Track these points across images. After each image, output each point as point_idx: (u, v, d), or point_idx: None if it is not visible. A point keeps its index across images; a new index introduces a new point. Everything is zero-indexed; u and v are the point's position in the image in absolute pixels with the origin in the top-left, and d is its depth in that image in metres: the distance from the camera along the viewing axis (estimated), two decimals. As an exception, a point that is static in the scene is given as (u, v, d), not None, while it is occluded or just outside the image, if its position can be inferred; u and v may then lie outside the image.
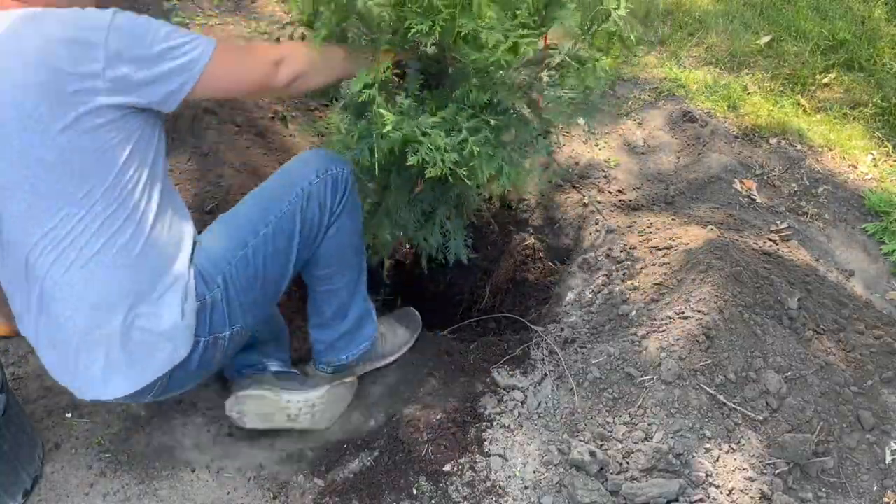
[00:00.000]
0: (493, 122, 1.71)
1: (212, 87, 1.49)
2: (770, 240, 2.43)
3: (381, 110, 1.62)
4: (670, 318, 1.98)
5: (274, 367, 1.95)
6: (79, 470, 1.75)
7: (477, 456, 1.81)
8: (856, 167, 2.96)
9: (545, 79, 1.87)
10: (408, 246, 2.53)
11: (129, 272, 1.46)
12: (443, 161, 1.61)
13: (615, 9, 1.72)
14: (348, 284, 1.90)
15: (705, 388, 1.83)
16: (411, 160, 1.64)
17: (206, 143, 2.44)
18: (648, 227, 2.37)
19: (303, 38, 1.86)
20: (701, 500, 1.66)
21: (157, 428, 1.87)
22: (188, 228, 1.60)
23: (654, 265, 2.19)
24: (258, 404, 1.84)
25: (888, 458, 1.82)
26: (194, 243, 1.60)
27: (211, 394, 1.99)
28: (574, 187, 2.68)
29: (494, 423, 1.88)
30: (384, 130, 1.60)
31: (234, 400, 1.83)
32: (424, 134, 1.62)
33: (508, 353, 2.07)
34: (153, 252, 1.50)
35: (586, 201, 2.59)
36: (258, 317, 1.74)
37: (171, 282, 1.51)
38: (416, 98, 1.72)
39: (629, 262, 2.26)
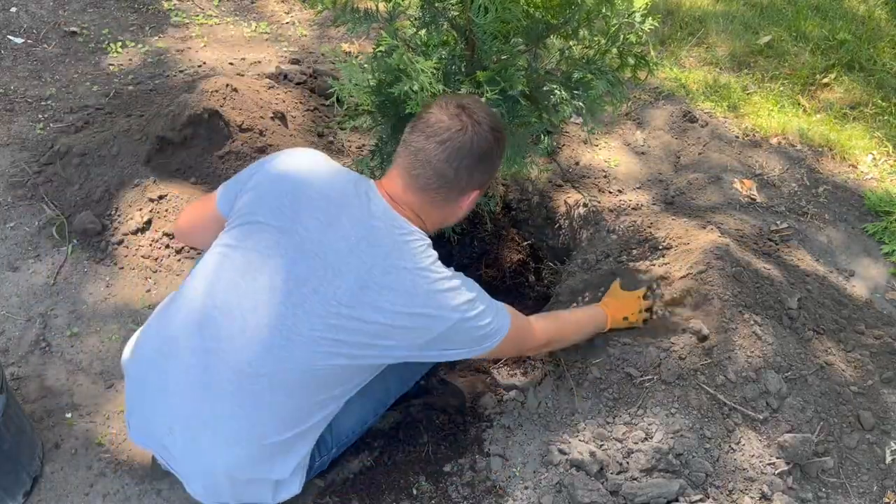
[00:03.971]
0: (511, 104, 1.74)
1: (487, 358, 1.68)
2: (770, 240, 2.43)
3: (384, 32, 1.66)
4: (670, 318, 1.98)
5: None
6: (79, 470, 1.75)
7: (477, 456, 1.81)
8: (856, 167, 2.96)
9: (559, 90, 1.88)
10: None
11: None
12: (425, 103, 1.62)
13: (640, 23, 1.73)
14: None
15: (705, 388, 1.83)
16: (395, 88, 1.65)
17: (207, 142, 2.44)
18: (649, 227, 2.37)
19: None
20: (701, 500, 1.66)
21: (157, 428, 1.86)
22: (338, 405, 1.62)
23: (653, 265, 2.19)
24: None
25: (888, 458, 1.82)
26: None
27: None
28: (574, 187, 2.68)
29: (494, 423, 1.88)
30: (378, 50, 1.62)
31: None
32: (417, 72, 1.63)
33: (508, 353, 2.07)
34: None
35: (586, 201, 2.59)
36: None
37: (301, 462, 1.57)
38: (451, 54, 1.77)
39: (629, 263, 2.26)
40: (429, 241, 1.52)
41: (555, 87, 1.84)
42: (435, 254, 1.51)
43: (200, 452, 1.49)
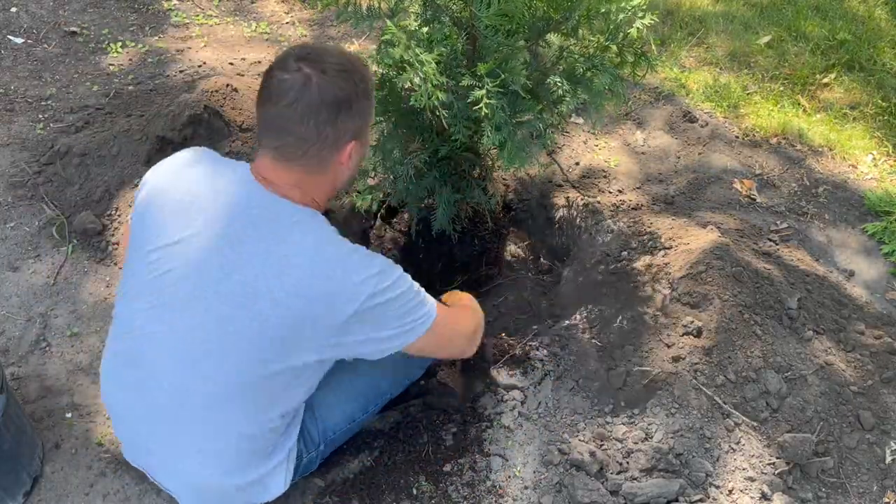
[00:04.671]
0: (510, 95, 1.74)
1: (414, 351, 1.51)
2: (770, 240, 2.43)
3: (389, 22, 1.65)
4: (670, 318, 1.98)
5: None
6: (79, 470, 1.75)
7: (477, 456, 1.81)
8: (856, 167, 2.96)
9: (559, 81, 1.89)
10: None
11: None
12: (429, 95, 1.59)
13: (641, 18, 1.73)
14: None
15: (705, 388, 1.83)
16: (399, 80, 1.65)
17: (207, 142, 2.44)
18: (648, 227, 2.37)
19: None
20: (701, 500, 1.66)
21: (157, 428, 1.86)
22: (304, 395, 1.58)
23: (653, 265, 2.19)
24: None
25: (888, 458, 1.82)
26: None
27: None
28: (574, 187, 2.68)
29: (494, 423, 1.88)
30: (384, 38, 1.63)
31: None
32: (420, 63, 1.61)
33: (508, 353, 2.07)
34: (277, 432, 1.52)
35: (586, 201, 2.59)
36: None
37: (284, 457, 1.54)
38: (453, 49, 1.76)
39: (629, 262, 2.26)
40: (317, 214, 1.41)
41: (557, 79, 1.84)
42: (331, 228, 1.40)
43: (178, 472, 1.50)
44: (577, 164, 2.83)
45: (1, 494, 1.63)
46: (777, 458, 1.74)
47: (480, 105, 1.64)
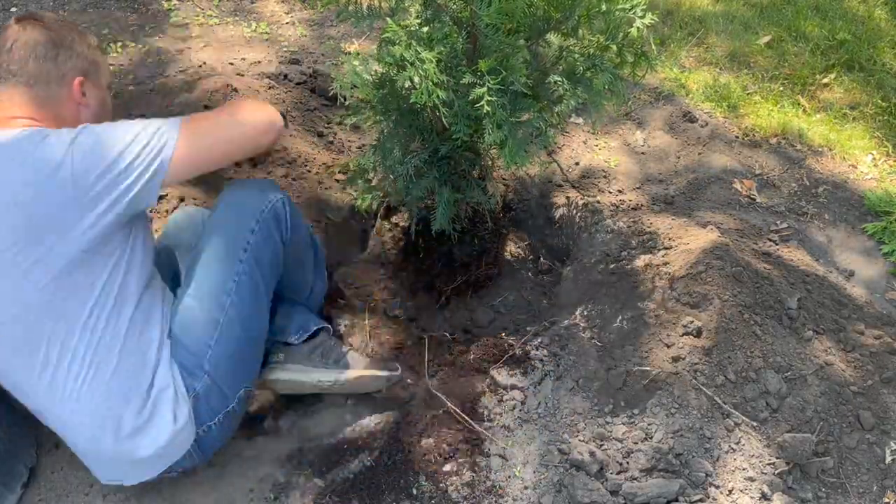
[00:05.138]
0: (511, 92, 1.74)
1: (188, 171, 1.50)
2: (770, 240, 2.43)
3: (389, 20, 1.66)
4: (670, 318, 1.98)
5: (295, 338, 1.90)
6: (79, 470, 1.75)
7: (477, 456, 1.81)
8: (856, 167, 2.96)
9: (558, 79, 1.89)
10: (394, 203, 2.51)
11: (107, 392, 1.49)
12: (429, 93, 1.60)
13: (641, 17, 1.73)
14: (310, 268, 1.98)
15: (705, 388, 1.83)
16: (399, 78, 1.64)
17: (206, 143, 2.44)
18: (648, 227, 2.37)
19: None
20: (701, 500, 1.66)
21: (157, 428, 1.86)
22: (157, 332, 1.55)
23: (653, 265, 2.19)
24: (289, 386, 1.89)
25: (888, 458, 1.82)
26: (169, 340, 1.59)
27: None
28: (574, 187, 2.68)
29: (494, 423, 1.88)
30: (384, 35, 1.63)
31: (264, 383, 1.88)
32: (421, 61, 1.62)
33: (508, 353, 2.07)
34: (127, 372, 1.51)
35: (586, 201, 2.60)
36: (256, 369, 1.75)
37: (157, 394, 1.52)
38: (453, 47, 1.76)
39: (628, 262, 2.26)
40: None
41: (558, 79, 1.84)
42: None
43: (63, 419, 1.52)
44: (577, 163, 2.83)
45: (1, 490, 1.63)
46: (777, 458, 1.74)
47: (482, 102, 1.64)
